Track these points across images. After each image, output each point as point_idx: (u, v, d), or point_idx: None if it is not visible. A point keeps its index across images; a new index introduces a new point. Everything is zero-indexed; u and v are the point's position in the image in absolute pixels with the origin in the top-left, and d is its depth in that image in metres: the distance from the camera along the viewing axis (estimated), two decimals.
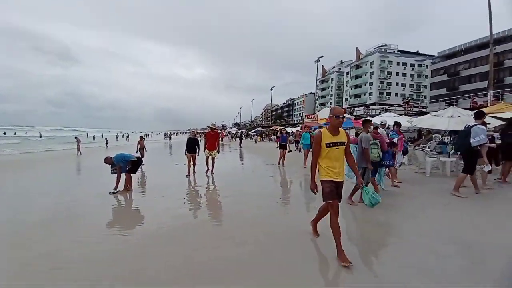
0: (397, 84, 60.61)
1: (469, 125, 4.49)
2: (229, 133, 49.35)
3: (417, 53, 63.70)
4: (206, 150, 8.16)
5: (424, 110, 25.32)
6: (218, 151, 8.44)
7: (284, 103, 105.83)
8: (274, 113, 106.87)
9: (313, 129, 15.58)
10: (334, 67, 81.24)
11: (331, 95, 77.85)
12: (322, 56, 48.59)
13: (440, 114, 6.49)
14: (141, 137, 12.14)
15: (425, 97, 60.98)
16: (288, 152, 10.31)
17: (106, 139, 27.63)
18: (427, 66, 62.09)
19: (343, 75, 74.71)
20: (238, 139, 26.01)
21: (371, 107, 35.16)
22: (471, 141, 4.08)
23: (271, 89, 65.97)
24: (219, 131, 39.70)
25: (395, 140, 6.03)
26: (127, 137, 41.97)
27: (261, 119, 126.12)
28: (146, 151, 11.43)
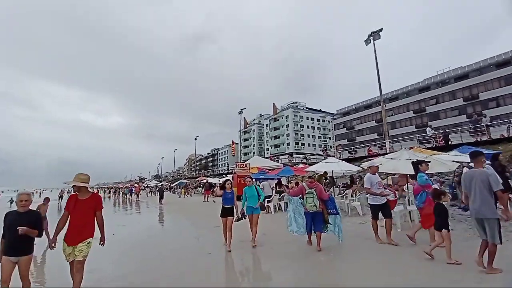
0: (308, 135, 69.39)
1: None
2: (147, 186, 43.21)
3: (320, 111, 76.26)
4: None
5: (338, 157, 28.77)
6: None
7: (208, 153, 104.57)
8: (198, 163, 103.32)
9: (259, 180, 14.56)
10: (254, 119, 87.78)
11: (254, 145, 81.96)
12: (245, 108, 51.74)
13: (397, 157, 6.47)
14: (46, 199, 7.02)
15: (330, 147, 71.73)
16: (237, 220, 5.79)
17: None
18: (329, 121, 74.51)
19: (263, 127, 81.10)
20: (158, 193, 22.19)
21: (294, 155, 37.69)
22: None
23: (195, 139, 64.26)
24: (135, 185, 33.79)
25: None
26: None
27: (184, 170, 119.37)
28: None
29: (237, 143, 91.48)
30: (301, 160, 31.81)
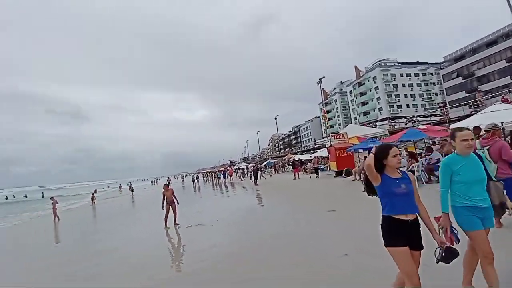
0: (405, 95, 58.03)
1: None
2: (238, 169, 45.82)
3: (418, 63, 62.16)
4: None
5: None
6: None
7: (290, 131, 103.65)
8: (281, 142, 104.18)
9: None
10: (334, 88, 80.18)
11: (338, 116, 75.49)
12: (324, 77, 46.88)
13: None
14: (167, 184, 8.44)
15: (438, 104, 58.07)
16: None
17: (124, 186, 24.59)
18: (432, 73, 60.15)
19: (346, 95, 73.10)
20: (251, 175, 22.11)
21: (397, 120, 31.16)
22: None
23: (275, 118, 63.73)
24: (228, 168, 36.08)
25: None
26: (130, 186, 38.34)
27: (268, 150, 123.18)
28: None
29: (319, 117, 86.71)
30: (406, 123, 26.06)
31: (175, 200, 7.91)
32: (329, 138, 15.91)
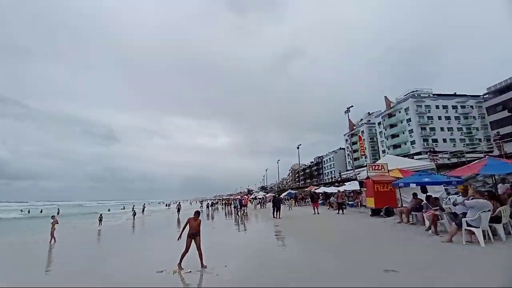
0: (442, 129, 53.46)
1: None
2: (254, 198, 43.07)
3: (456, 95, 58.06)
4: None
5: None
6: None
7: (312, 162, 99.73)
8: (302, 172, 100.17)
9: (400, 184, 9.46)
10: (361, 119, 77.16)
11: (365, 148, 71.29)
12: (352, 106, 44.88)
13: None
14: (198, 212, 6.49)
15: (479, 140, 52.55)
16: None
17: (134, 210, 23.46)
18: (472, 106, 55.59)
19: (374, 126, 69.51)
20: (271, 205, 19.37)
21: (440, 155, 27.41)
22: None
23: (298, 147, 61.34)
24: (245, 196, 33.69)
25: None
26: (143, 210, 36.88)
27: (288, 181, 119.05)
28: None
29: (343, 148, 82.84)
30: (449, 159, 22.57)
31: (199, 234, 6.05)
32: (366, 168, 13.42)
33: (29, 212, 45.18)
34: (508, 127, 37.40)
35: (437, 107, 55.09)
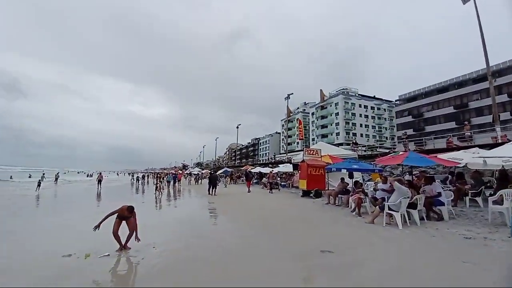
0: (361, 125, 61.84)
1: None
2: (189, 174, 41.65)
3: (375, 98, 67.42)
4: None
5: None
6: None
7: (249, 143, 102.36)
8: (239, 152, 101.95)
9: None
10: (298, 107, 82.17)
11: (296, 135, 76.69)
12: (292, 93, 46.94)
13: None
14: (131, 207, 5.14)
15: (386, 138, 63.14)
16: None
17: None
18: (384, 109, 65.67)
19: (308, 115, 75.18)
20: (207, 182, 18.91)
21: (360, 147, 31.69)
22: None
23: (237, 127, 61.62)
24: (179, 171, 32.01)
25: None
26: (56, 179, 30.52)
27: (224, 159, 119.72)
28: None
29: (279, 133, 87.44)
30: (365, 151, 26.25)
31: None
32: (303, 151, 14.06)
33: None
34: (410, 130, 45.84)
35: (360, 105, 63.03)
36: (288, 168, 21.08)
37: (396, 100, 54.49)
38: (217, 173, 26.82)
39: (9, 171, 56.24)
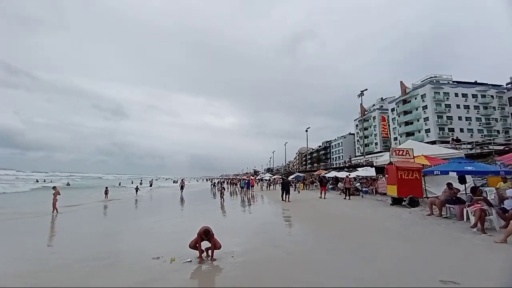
0: (459, 118, 50.86)
1: None
2: (261, 179, 42.51)
3: (476, 83, 54.64)
4: None
5: None
6: None
7: (320, 146, 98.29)
8: (309, 156, 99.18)
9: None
10: (374, 104, 74.30)
11: (375, 135, 69.15)
12: (366, 89, 42.88)
13: None
14: (208, 230, 4.65)
15: (498, 131, 49.97)
16: None
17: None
18: (492, 96, 52.41)
19: (387, 112, 66.88)
20: (279, 188, 18.57)
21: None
22: None
23: (306, 130, 60.13)
24: (251, 177, 33.00)
25: None
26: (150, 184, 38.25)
27: (294, 164, 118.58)
28: None
29: (353, 134, 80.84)
30: (472, 149, 20.92)
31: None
32: (389, 152, 12.16)
33: (44, 181, 46.08)
34: None
35: (456, 95, 52.12)
36: (370, 172, 18.77)
37: (508, 84, 42.72)
38: (290, 178, 26.27)
39: (120, 178, 71.83)
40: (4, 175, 61.12)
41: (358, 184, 19.17)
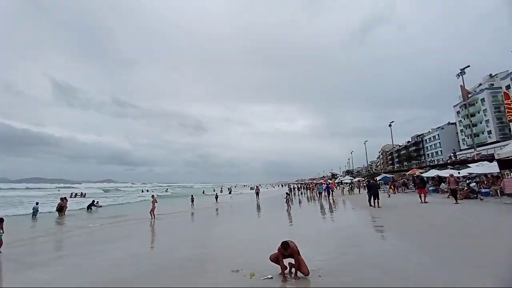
0: None
1: None
2: (341, 182, 39.39)
3: None
4: None
5: None
6: None
7: (408, 142, 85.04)
8: (396, 154, 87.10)
9: None
10: (480, 84, 59.50)
11: (487, 121, 54.96)
12: (468, 66, 34.74)
13: None
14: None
15: None
16: None
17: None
18: None
19: (500, 91, 52.33)
20: (364, 191, 16.52)
21: None
22: None
23: (390, 125, 52.69)
24: (329, 181, 30.99)
25: None
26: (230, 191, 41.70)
27: (378, 164, 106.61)
28: None
29: (453, 123, 66.51)
30: None
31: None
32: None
33: (147, 191, 55.94)
34: None
35: None
36: (488, 167, 14.55)
37: None
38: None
39: (204, 187, 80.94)
40: (124, 187, 76.99)
41: (474, 184, 15.06)
